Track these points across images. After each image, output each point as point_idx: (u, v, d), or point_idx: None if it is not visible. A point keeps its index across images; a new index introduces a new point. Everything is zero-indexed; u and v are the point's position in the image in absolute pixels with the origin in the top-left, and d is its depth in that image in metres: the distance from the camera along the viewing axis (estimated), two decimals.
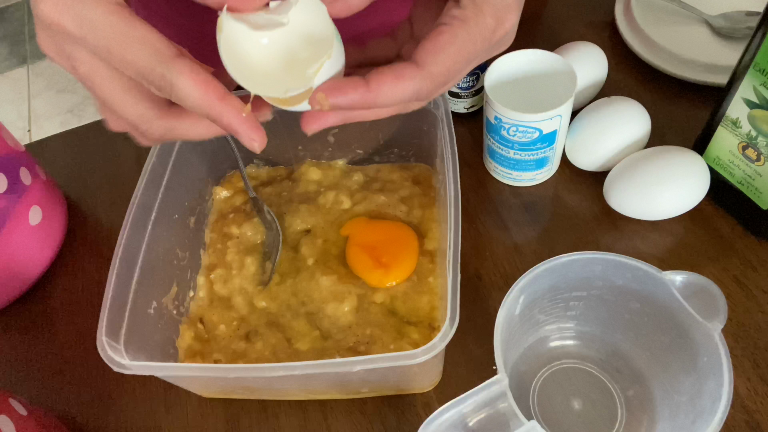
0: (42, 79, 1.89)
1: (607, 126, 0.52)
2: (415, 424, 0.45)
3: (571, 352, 0.46)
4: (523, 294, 0.39)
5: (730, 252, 0.50)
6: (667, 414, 0.40)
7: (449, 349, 0.44)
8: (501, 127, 0.51)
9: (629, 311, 0.42)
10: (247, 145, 0.29)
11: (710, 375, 0.35)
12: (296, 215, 0.54)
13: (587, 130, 0.53)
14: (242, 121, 0.28)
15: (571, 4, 0.70)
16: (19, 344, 0.53)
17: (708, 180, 0.49)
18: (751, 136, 0.46)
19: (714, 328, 0.35)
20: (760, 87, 0.43)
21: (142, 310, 0.44)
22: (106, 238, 0.58)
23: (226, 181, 0.58)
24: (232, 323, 0.49)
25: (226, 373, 0.40)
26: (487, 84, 0.51)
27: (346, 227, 0.53)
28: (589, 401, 0.44)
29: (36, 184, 0.54)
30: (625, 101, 0.52)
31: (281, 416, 0.47)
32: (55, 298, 0.55)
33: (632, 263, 0.38)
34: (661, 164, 0.49)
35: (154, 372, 0.39)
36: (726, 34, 0.62)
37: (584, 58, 0.56)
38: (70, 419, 0.48)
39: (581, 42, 0.57)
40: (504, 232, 0.54)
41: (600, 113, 0.52)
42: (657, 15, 0.64)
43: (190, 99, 0.27)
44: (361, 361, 0.36)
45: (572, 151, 0.54)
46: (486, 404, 0.34)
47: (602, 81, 0.58)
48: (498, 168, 0.55)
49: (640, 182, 0.49)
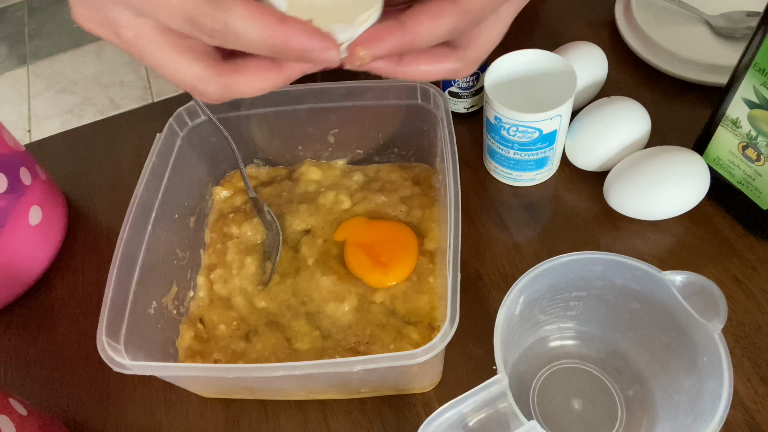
0: (42, 79, 1.88)
1: (607, 126, 0.52)
2: (415, 424, 0.45)
3: (571, 352, 0.46)
4: (523, 294, 0.39)
5: (730, 252, 0.50)
6: (667, 414, 0.40)
7: (449, 349, 0.44)
8: (501, 127, 0.51)
9: (629, 311, 0.42)
10: (324, 58, 0.26)
11: (710, 375, 0.35)
12: (296, 215, 0.54)
13: (587, 130, 0.53)
14: (312, 35, 0.26)
15: (571, 4, 0.70)
16: (19, 344, 0.53)
17: (708, 180, 0.49)
18: (751, 136, 0.46)
19: (714, 328, 0.35)
20: (760, 87, 0.43)
21: (142, 310, 0.44)
22: (106, 238, 0.58)
23: (226, 181, 0.58)
24: (232, 323, 0.49)
25: (226, 373, 0.40)
26: (487, 84, 0.51)
27: (342, 229, 0.53)
28: (589, 401, 0.44)
29: (36, 184, 0.54)
30: (625, 101, 0.52)
31: (281, 416, 0.47)
32: (55, 298, 0.55)
33: (632, 263, 0.38)
34: (660, 164, 0.49)
35: (154, 372, 0.39)
36: (726, 34, 0.62)
37: (584, 58, 0.56)
38: (70, 419, 0.48)
39: (581, 42, 0.57)
40: (504, 232, 0.54)
41: (600, 113, 0.52)
42: (657, 15, 0.64)
43: (248, 33, 0.25)
44: (361, 361, 0.36)
45: (572, 151, 0.54)
46: (486, 404, 0.34)
47: (602, 81, 0.58)
48: (498, 168, 0.55)
49: (639, 182, 0.49)
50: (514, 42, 0.67)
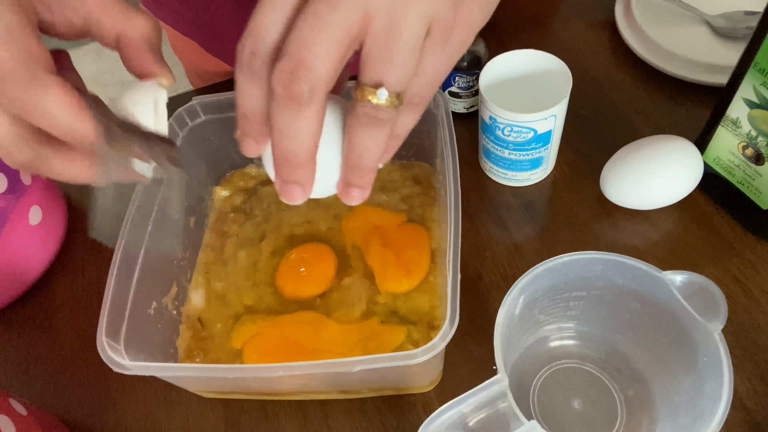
0: None
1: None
2: (415, 424, 0.45)
3: (571, 352, 0.46)
4: (523, 294, 0.39)
5: (730, 252, 0.50)
6: (667, 414, 0.40)
7: (449, 349, 0.44)
8: (496, 127, 0.51)
9: (629, 311, 0.42)
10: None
11: (710, 375, 0.35)
12: (295, 210, 0.54)
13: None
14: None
15: (571, 4, 0.70)
16: (19, 344, 0.53)
17: (701, 165, 0.50)
18: (751, 136, 0.46)
19: (714, 328, 0.35)
20: (760, 87, 0.43)
21: (142, 311, 0.44)
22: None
23: (225, 181, 0.58)
24: (228, 322, 0.49)
25: (226, 373, 0.40)
26: (482, 84, 0.51)
27: (350, 219, 0.52)
28: (589, 401, 0.44)
29: (36, 184, 0.54)
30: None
31: (281, 416, 0.47)
32: (55, 298, 0.55)
33: (632, 263, 0.38)
34: (653, 152, 0.49)
35: (154, 372, 0.39)
36: (726, 34, 0.62)
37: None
38: (70, 419, 0.48)
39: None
40: (504, 231, 0.54)
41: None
42: (657, 15, 0.64)
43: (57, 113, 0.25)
44: (361, 361, 0.36)
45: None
46: (486, 404, 0.34)
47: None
48: (493, 168, 0.55)
49: (634, 170, 0.50)
50: (514, 41, 0.67)
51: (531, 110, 0.48)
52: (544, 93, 0.51)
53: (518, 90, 0.53)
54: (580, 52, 0.65)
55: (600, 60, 0.64)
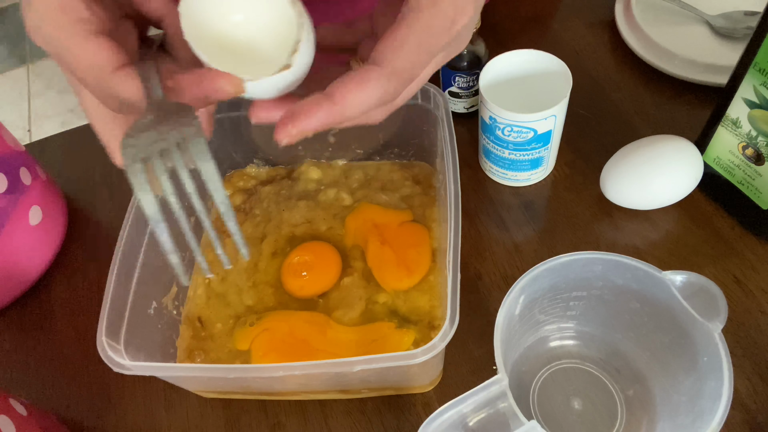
0: (42, 79, 1.88)
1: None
2: (415, 424, 0.45)
3: (571, 352, 0.46)
4: (523, 294, 0.39)
5: (730, 252, 0.50)
6: (667, 414, 0.40)
7: (449, 349, 0.44)
8: (496, 127, 0.51)
9: (629, 311, 0.42)
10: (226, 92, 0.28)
11: (710, 375, 0.35)
12: (295, 210, 0.54)
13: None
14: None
15: (571, 4, 0.70)
16: (19, 344, 0.53)
17: (701, 165, 0.50)
18: (751, 136, 0.46)
19: (714, 328, 0.35)
20: (760, 87, 0.43)
21: (142, 311, 0.44)
22: (106, 238, 0.58)
23: (225, 181, 0.58)
24: (229, 321, 0.49)
25: (226, 373, 0.40)
26: (482, 84, 0.51)
27: (356, 214, 0.52)
28: (589, 401, 0.44)
29: (36, 184, 0.54)
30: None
31: (281, 416, 0.47)
32: (55, 298, 0.55)
33: (632, 263, 0.38)
34: (653, 152, 0.49)
35: (154, 372, 0.39)
36: (726, 34, 0.62)
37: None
38: (70, 419, 0.48)
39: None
40: (504, 232, 0.54)
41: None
42: (657, 15, 0.64)
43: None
44: (361, 361, 0.36)
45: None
46: (486, 404, 0.34)
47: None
48: (493, 168, 0.55)
49: (634, 170, 0.50)
50: (514, 41, 0.67)
51: (531, 110, 0.48)
52: (544, 93, 0.51)
53: (518, 90, 0.53)
54: (580, 52, 0.65)
55: (600, 60, 0.64)
